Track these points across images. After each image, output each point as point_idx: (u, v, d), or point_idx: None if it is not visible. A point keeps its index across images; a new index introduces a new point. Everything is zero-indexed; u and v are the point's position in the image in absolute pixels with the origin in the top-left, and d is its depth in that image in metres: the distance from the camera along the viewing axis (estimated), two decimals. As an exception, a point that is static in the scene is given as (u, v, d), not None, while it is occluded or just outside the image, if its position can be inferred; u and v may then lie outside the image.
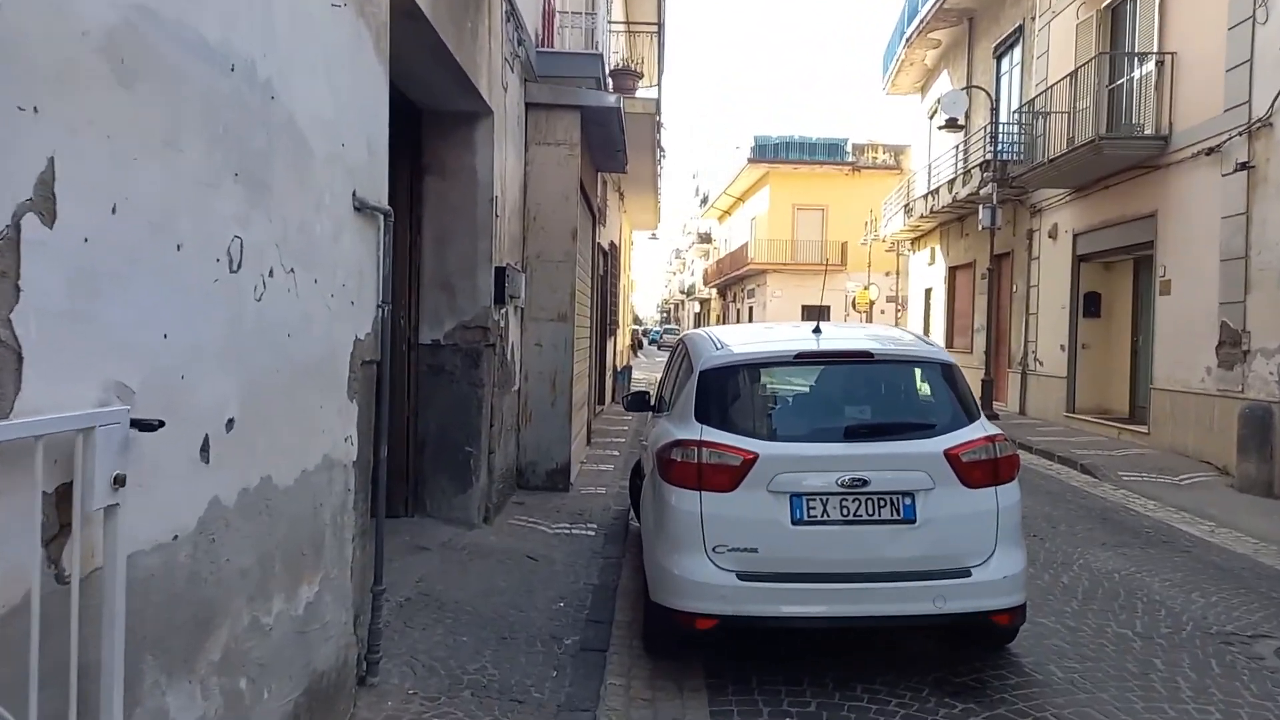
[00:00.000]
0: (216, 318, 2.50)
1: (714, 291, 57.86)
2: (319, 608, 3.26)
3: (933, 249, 23.51)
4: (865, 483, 4.03)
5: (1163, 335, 12.27)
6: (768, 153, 41.38)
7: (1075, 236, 15.00)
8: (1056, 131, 14.47)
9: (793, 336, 4.98)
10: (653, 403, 6.51)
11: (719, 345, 4.66)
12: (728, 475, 4.06)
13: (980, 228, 16.34)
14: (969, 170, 17.82)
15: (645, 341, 53.70)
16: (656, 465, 4.43)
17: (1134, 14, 13.57)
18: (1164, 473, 10.39)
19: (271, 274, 2.82)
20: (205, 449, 2.43)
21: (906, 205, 23.49)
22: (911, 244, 26.30)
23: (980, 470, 4.11)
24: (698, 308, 71.63)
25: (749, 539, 4.06)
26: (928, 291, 24.42)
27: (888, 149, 41.27)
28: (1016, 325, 17.46)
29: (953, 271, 22.01)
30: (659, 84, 13.96)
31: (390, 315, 3.93)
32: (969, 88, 15.96)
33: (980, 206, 16.23)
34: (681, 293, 79.98)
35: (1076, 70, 13.77)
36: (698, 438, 4.19)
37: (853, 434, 4.23)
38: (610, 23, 13.71)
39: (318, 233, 3.21)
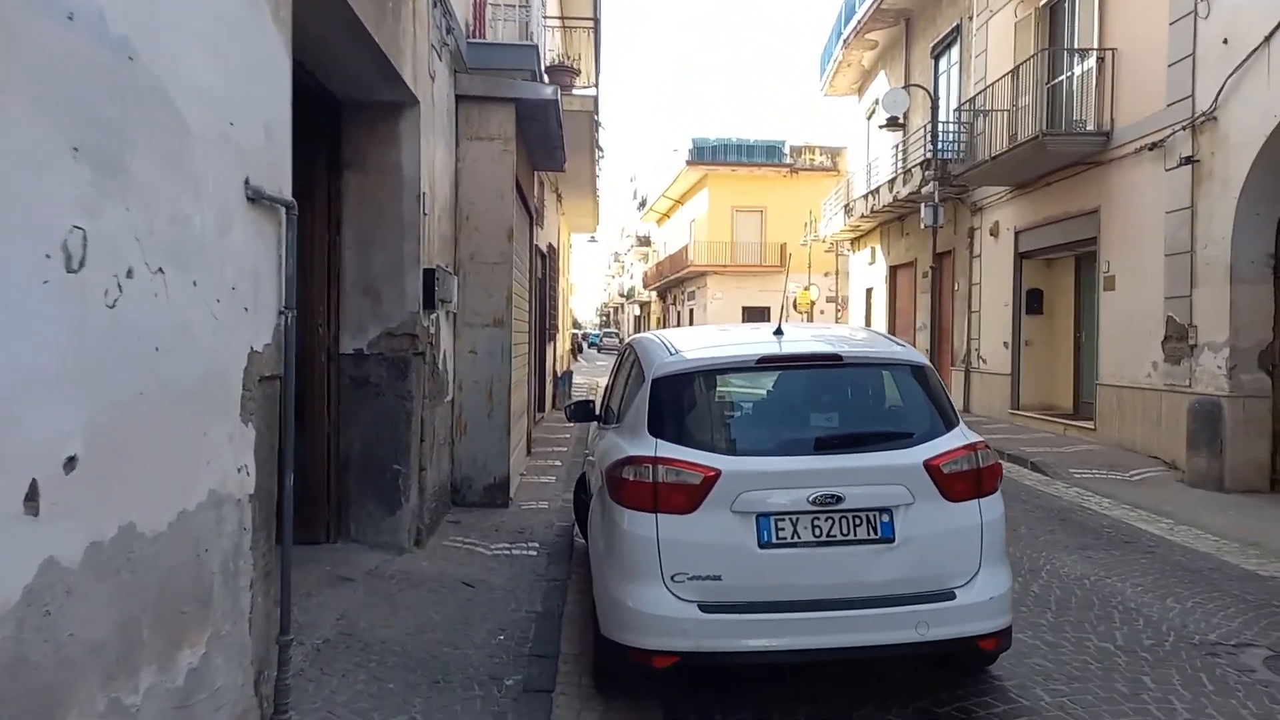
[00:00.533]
0: (48, 330, 1.97)
1: (654, 294, 57.59)
2: (207, 673, 2.72)
3: (873, 249, 23.48)
4: (839, 499, 3.62)
5: (1108, 331, 12.23)
6: (706, 155, 41.26)
7: (1017, 234, 14.97)
8: (997, 129, 14.42)
9: (752, 339, 4.57)
10: (598, 413, 6.06)
11: (672, 350, 4.22)
12: (686, 495, 3.62)
13: (922, 226, 16.24)
14: (909, 169, 17.75)
15: (585, 345, 53.16)
16: (606, 485, 3.98)
17: (1073, 11, 13.56)
18: (1114, 469, 10.28)
19: (131, 274, 2.29)
20: (33, 497, 1.90)
21: (846, 205, 23.43)
22: (851, 244, 26.28)
23: (963, 482, 3.74)
24: (637, 310, 71.34)
25: (712, 565, 3.62)
26: (868, 291, 24.40)
27: (825, 151, 41.48)
28: (959, 323, 17.41)
29: (894, 271, 21.98)
30: (596, 82, 13.51)
31: (295, 323, 3.40)
32: (908, 86, 15.87)
33: (922, 205, 16.14)
34: (621, 296, 79.62)
35: (1017, 68, 13.71)
36: (652, 454, 3.74)
37: (823, 445, 3.83)
38: (545, 17, 13.23)
39: (198, 226, 2.68)
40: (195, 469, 2.65)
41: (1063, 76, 13.40)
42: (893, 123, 16.29)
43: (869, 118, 24.61)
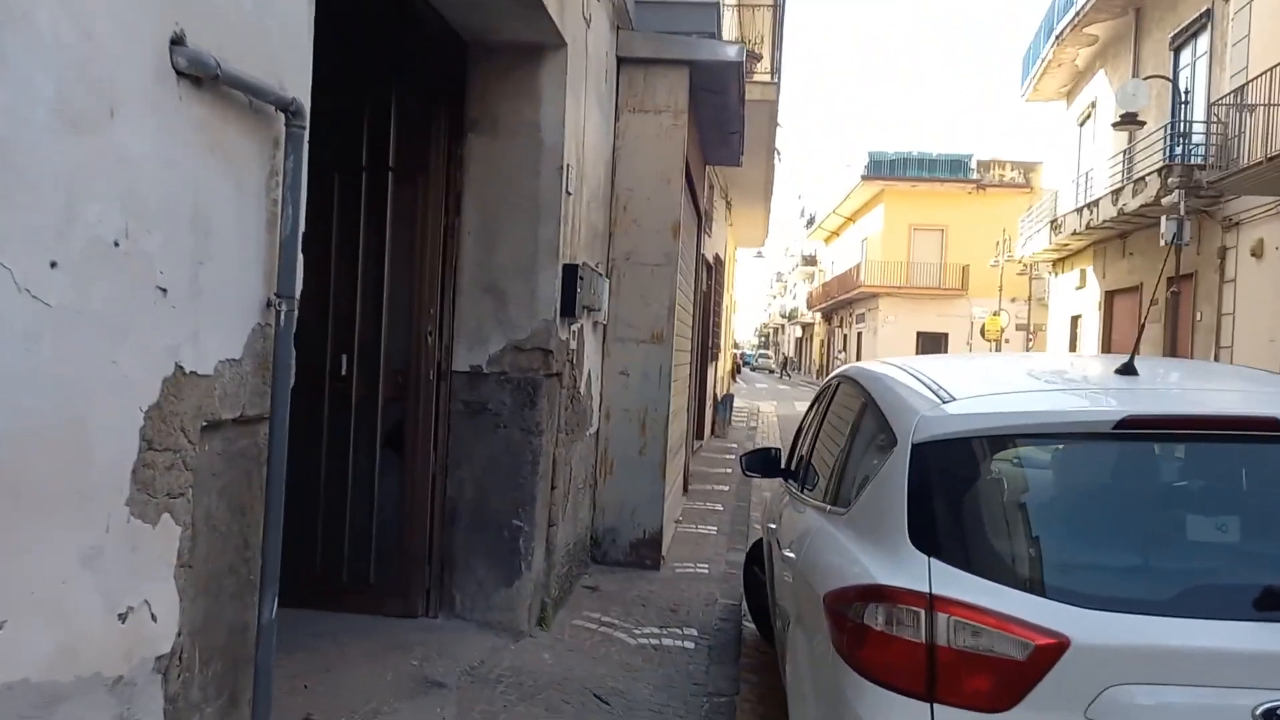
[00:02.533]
0: None
1: (818, 316, 55.07)
2: None
3: (1082, 271, 20.58)
4: (1313, 716, 1.81)
5: None
6: (883, 169, 38.65)
7: (1293, 253, 12.17)
8: (1262, 127, 11.75)
9: (1078, 379, 2.79)
10: (787, 465, 4.41)
11: (942, 393, 2.49)
12: (999, 678, 1.92)
13: (1162, 243, 13.58)
14: (1142, 178, 15.05)
15: (742, 365, 51.26)
16: (829, 625, 2.31)
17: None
18: None
19: None
20: None
21: (1053, 221, 20.65)
22: (1054, 266, 23.33)
23: None
24: (799, 332, 68.81)
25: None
26: (1074, 319, 21.45)
27: (1016, 166, 38.00)
28: (1200, 359, 14.55)
29: (1109, 296, 19.07)
30: (777, 67, 11.86)
31: (291, 323, 1.92)
32: (1151, 77, 13.34)
33: (1162, 219, 13.50)
34: (782, 316, 77.21)
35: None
36: (924, 588, 2.05)
37: (1276, 600, 2.01)
38: (723, -2, 11.73)
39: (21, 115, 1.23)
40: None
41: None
42: (1127, 120, 13.74)
43: (1081, 124, 21.76)
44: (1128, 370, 2.52)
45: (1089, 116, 21.03)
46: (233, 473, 1.76)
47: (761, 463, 4.54)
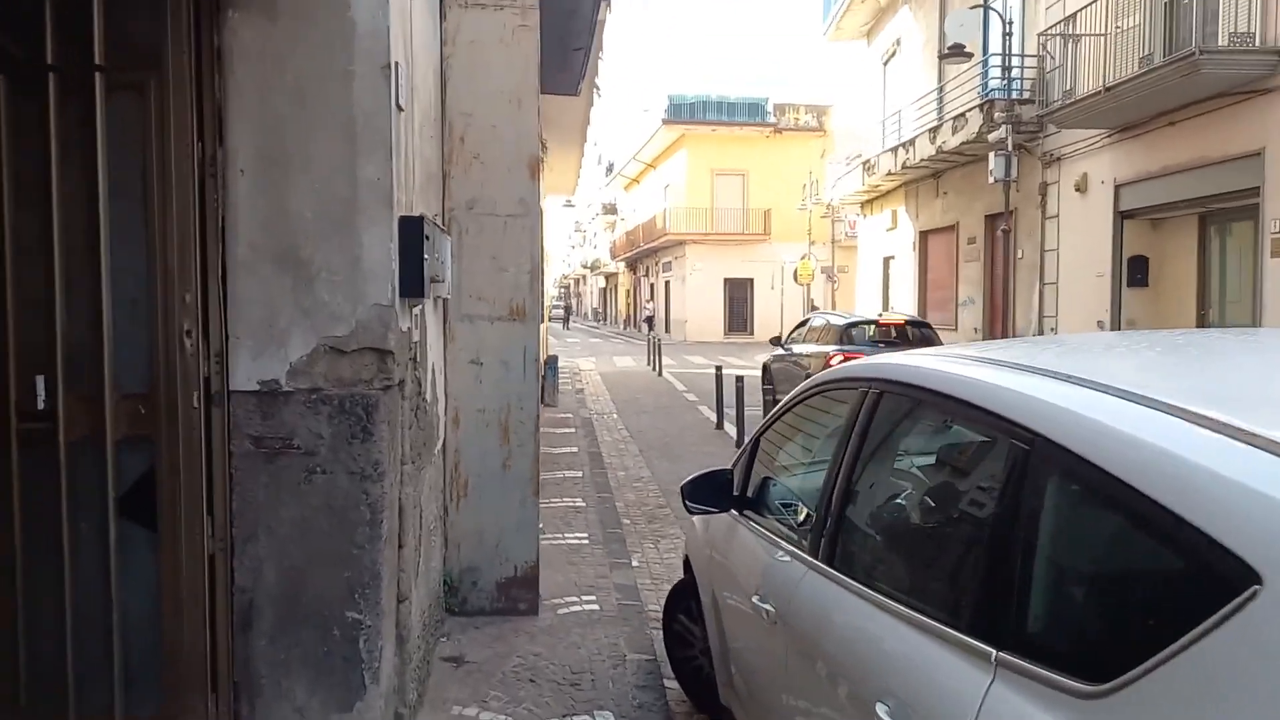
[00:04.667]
0: None
1: (622, 265, 54.47)
2: None
3: (894, 212, 20.67)
4: None
5: (1275, 307, 9.51)
6: (684, 113, 38.05)
7: (1118, 187, 12.20)
8: (1089, 59, 11.61)
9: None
10: (741, 490, 3.16)
11: (1237, 432, 1.24)
12: None
13: (992, 179, 13.38)
14: (963, 114, 14.85)
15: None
16: None
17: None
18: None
19: None
20: None
21: (866, 163, 20.52)
22: (863, 208, 23.44)
23: None
24: (603, 283, 68.20)
25: None
26: (886, 260, 21.62)
27: (810, 109, 38.50)
28: (1024, 297, 14.67)
29: (924, 236, 19.20)
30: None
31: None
32: (978, 7, 12.95)
33: (992, 154, 13.26)
34: (584, 267, 76.24)
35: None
36: None
37: None
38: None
39: None
40: None
41: (1199, -15, 10.55)
42: (955, 51, 13.33)
43: (886, 62, 21.72)
44: None
45: (893, 54, 20.98)
46: None
47: (711, 492, 3.22)
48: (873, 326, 12.04)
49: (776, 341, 14.13)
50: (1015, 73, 13.91)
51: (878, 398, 2.32)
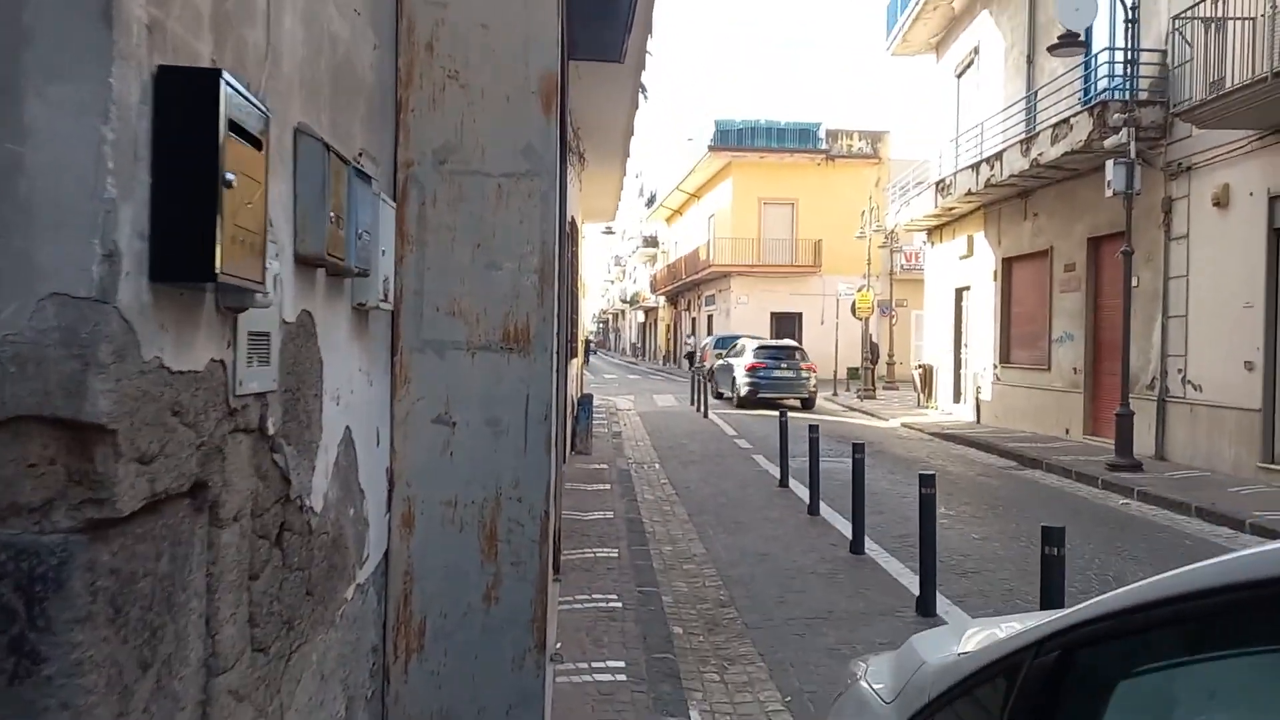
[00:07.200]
0: None
1: (663, 300, 52.62)
2: None
3: (970, 238, 18.56)
4: None
5: None
6: (731, 139, 36.24)
7: (1272, 200, 10.04)
8: (1241, 45, 9.55)
9: None
10: None
11: None
12: None
13: (1110, 192, 11.28)
14: (1066, 119, 12.79)
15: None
16: None
17: None
18: None
19: None
20: None
21: (939, 183, 18.47)
22: (930, 235, 21.35)
23: None
24: (642, 317, 66.36)
25: None
26: (960, 291, 19.46)
27: (864, 135, 36.57)
28: (1142, 333, 12.44)
29: (1007, 264, 17.05)
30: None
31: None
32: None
33: (1110, 163, 11.18)
34: (623, 301, 74.55)
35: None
36: None
37: None
38: None
39: None
40: None
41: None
42: (1068, 41, 11.31)
43: (960, 75, 19.76)
44: None
45: (969, 64, 19.02)
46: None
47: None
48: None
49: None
50: (1133, 69, 11.86)
51: None
